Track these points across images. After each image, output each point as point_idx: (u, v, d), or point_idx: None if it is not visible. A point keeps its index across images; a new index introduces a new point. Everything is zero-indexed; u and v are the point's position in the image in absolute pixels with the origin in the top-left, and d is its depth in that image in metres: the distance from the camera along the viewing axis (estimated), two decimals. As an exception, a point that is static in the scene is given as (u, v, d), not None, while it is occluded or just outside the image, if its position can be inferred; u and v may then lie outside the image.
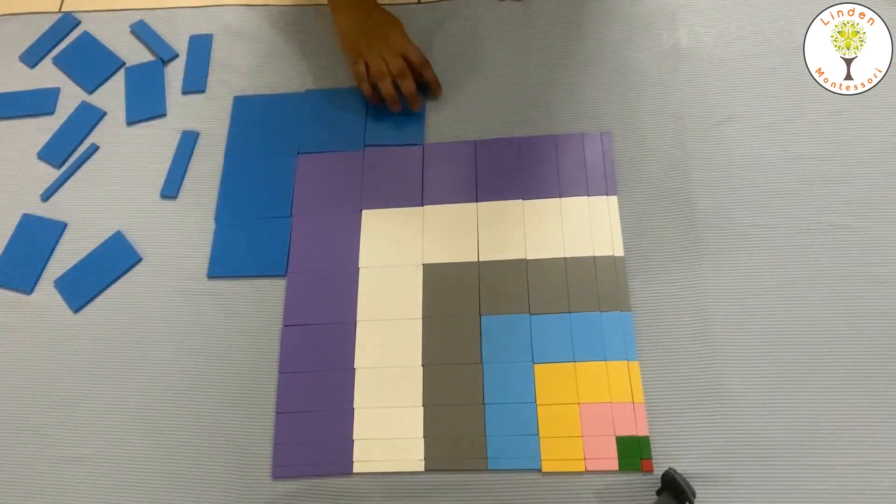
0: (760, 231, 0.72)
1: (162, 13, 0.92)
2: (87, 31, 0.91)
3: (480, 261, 0.74)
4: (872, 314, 0.68)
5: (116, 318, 0.75)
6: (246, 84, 0.86)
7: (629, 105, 0.80)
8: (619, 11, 0.85)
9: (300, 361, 0.72)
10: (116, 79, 0.89)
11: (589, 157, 0.78)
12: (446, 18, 0.88)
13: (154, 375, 0.72)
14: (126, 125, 0.85)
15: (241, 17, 0.91)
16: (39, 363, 0.74)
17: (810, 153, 0.75)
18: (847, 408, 0.65)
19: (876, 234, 0.71)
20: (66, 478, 0.69)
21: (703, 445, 0.65)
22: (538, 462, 0.65)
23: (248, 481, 0.67)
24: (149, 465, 0.69)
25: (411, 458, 0.67)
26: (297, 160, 0.81)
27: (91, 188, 0.82)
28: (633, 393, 0.67)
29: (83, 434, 0.71)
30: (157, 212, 0.80)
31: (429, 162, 0.79)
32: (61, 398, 0.72)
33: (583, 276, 0.72)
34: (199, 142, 0.84)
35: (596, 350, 0.69)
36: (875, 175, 0.74)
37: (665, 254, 0.73)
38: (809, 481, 0.63)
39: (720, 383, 0.67)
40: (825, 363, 0.67)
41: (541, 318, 0.71)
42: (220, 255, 0.77)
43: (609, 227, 0.74)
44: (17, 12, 0.92)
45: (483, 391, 0.68)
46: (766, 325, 0.69)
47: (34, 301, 0.77)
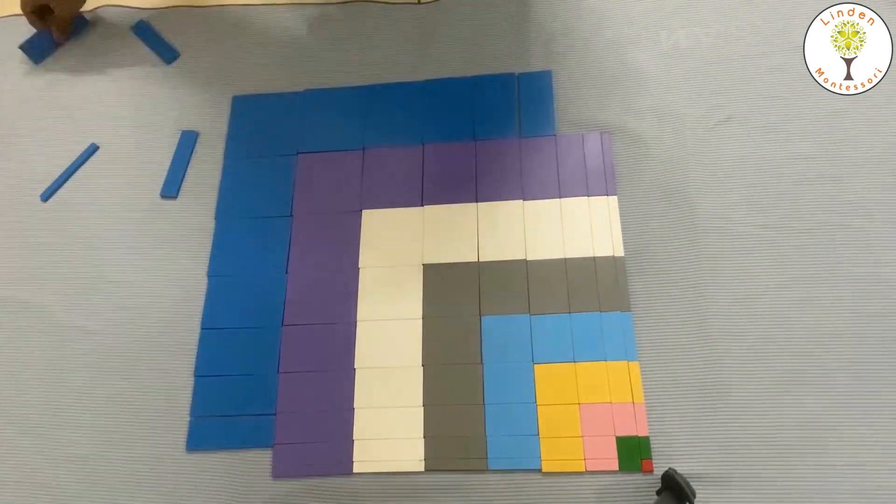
0: (760, 231, 0.72)
1: (163, 13, 0.92)
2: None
3: (480, 261, 0.74)
4: (873, 314, 0.68)
5: (118, 316, 0.76)
6: (246, 84, 0.86)
7: (629, 105, 0.80)
8: (618, 11, 0.85)
9: (300, 361, 0.72)
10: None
11: (589, 157, 0.78)
12: (446, 18, 0.88)
13: (154, 374, 0.73)
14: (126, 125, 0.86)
15: (241, 16, 0.91)
16: (42, 364, 0.74)
17: (810, 153, 0.75)
18: (847, 408, 0.65)
19: (876, 234, 0.71)
20: (67, 477, 0.69)
21: (703, 445, 0.65)
22: (538, 462, 0.65)
23: (248, 481, 0.67)
24: (148, 464, 0.69)
25: (411, 458, 0.67)
26: (297, 160, 0.81)
27: (91, 188, 0.83)
28: (634, 393, 0.67)
29: (85, 434, 0.71)
30: (158, 212, 0.80)
31: (429, 162, 0.79)
32: (63, 398, 0.72)
33: (583, 277, 0.72)
34: (199, 142, 0.84)
35: (596, 350, 0.69)
36: (875, 175, 0.74)
37: (665, 254, 0.73)
38: (809, 481, 0.63)
39: (720, 383, 0.67)
40: (825, 363, 0.67)
41: (541, 318, 0.71)
42: (221, 255, 0.77)
43: (609, 227, 0.74)
44: (17, 13, 0.92)
45: (483, 391, 0.68)
46: (767, 325, 0.69)
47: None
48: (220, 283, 0.76)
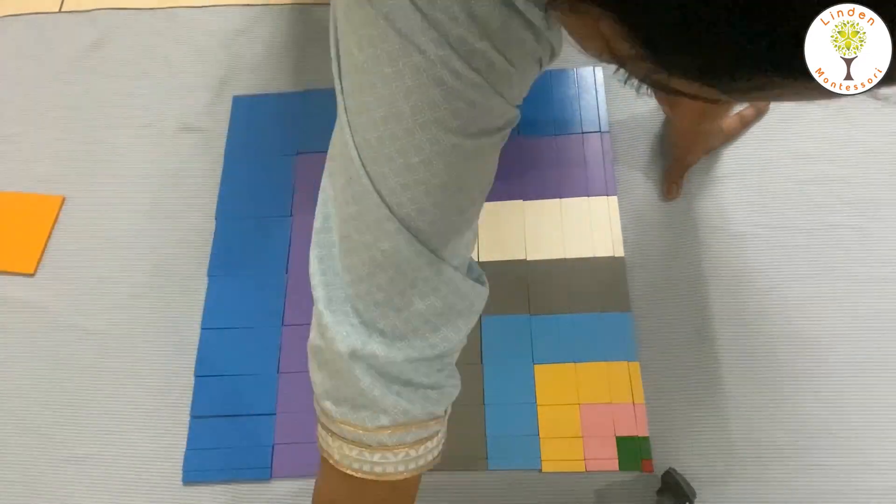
0: (760, 231, 0.72)
1: (162, 13, 0.92)
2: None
3: (481, 261, 0.74)
4: (873, 314, 0.68)
5: (118, 316, 0.76)
6: (246, 84, 0.86)
7: (629, 105, 0.80)
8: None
9: (300, 361, 0.71)
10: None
11: (589, 157, 0.78)
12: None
13: (154, 374, 0.72)
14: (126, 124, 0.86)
15: (241, 16, 0.91)
16: (41, 363, 0.74)
17: (810, 153, 0.75)
18: (847, 408, 0.65)
19: (876, 234, 0.71)
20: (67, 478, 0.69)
21: (703, 445, 0.65)
22: (538, 462, 0.65)
23: (247, 481, 0.67)
24: (148, 464, 0.69)
25: (411, 458, 0.66)
26: (297, 160, 0.81)
27: (91, 187, 0.83)
28: (634, 393, 0.67)
29: (85, 434, 0.71)
30: (158, 211, 0.80)
31: (429, 162, 0.79)
32: (63, 399, 0.72)
33: (583, 277, 0.72)
34: (199, 142, 0.84)
35: (596, 350, 0.69)
36: (875, 175, 0.74)
37: (665, 254, 0.73)
38: (809, 481, 0.63)
39: (720, 383, 0.67)
40: (825, 363, 0.67)
41: (541, 318, 0.71)
42: (221, 255, 0.77)
43: (609, 228, 0.74)
44: (17, 13, 0.92)
45: (483, 391, 0.68)
46: (767, 325, 0.69)
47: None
48: (220, 283, 0.76)
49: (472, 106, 0.35)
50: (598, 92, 0.81)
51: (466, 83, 0.34)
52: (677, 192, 0.74)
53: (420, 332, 0.40)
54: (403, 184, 0.37)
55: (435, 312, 0.40)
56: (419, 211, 0.38)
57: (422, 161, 0.36)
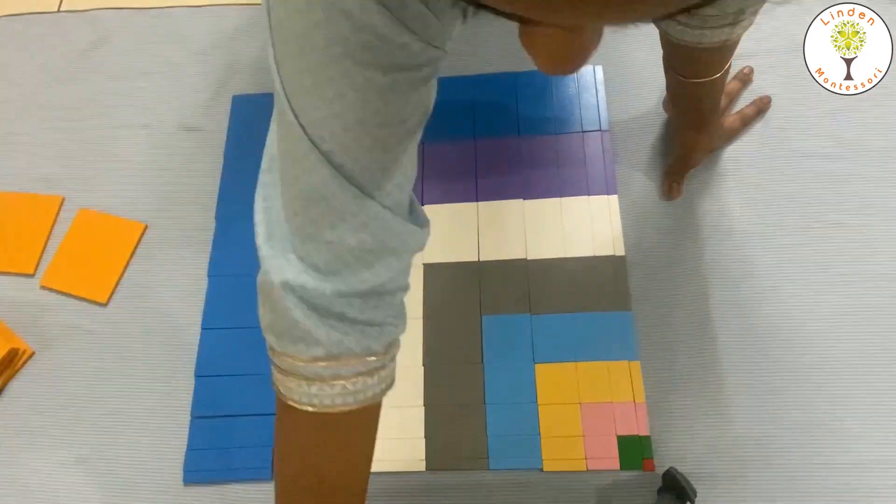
0: (760, 230, 0.72)
1: (162, 13, 0.92)
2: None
3: (481, 261, 0.74)
4: (873, 313, 0.68)
5: (118, 316, 0.76)
6: (245, 84, 0.86)
7: (629, 104, 0.80)
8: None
9: (301, 361, 0.71)
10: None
11: (589, 157, 0.78)
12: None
13: (154, 374, 0.72)
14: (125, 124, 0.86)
15: (241, 16, 0.91)
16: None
17: (810, 153, 0.75)
18: (847, 407, 0.65)
19: (877, 234, 0.71)
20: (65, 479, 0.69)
21: (703, 445, 0.65)
22: (539, 462, 0.65)
23: (247, 480, 0.67)
24: (148, 464, 0.69)
25: (412, 457, 0.66)
26: (298, 160, 0.81)
27: (91, 187, 0.82)
28: (634, 392, 0.67)
29: (85, 434, 0.71)
30: (158, 211, 0.80)
31: (429, 162, 0.79)
32: (63, 398, 0.72)
33: (583, 276, 0.72)
34: (199, 142, 0.83)
35: (597, 350, 0.69)
36: (875, 175, 0.74)
37: (665, 254, 0.73)
38: (809, 481, 0.63)
39: (721, 382, 0.67)
40: (825, 362, 0.67)
41: (541, 317, 0.71)
42: (221, 255, 0.77)
43: (609, 227, 0.74)
44: (17, 13, 0.92)
45: (484, 391, 0.68)
46: (766, 325, 0.69)
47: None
48: (220, 283, 0.76)
49: (381, 40, 0.35)
50: (599, 90, 0.81)
51: (374, 16, 0.34)
52: (678, 191, 0.74)
53: (351, 267, 0.41)
54: (322, 117, 0.37)
55: (365, 248, 0.40)
56: (342, 147, 0.38)
57: (336, 94, 0.36)
